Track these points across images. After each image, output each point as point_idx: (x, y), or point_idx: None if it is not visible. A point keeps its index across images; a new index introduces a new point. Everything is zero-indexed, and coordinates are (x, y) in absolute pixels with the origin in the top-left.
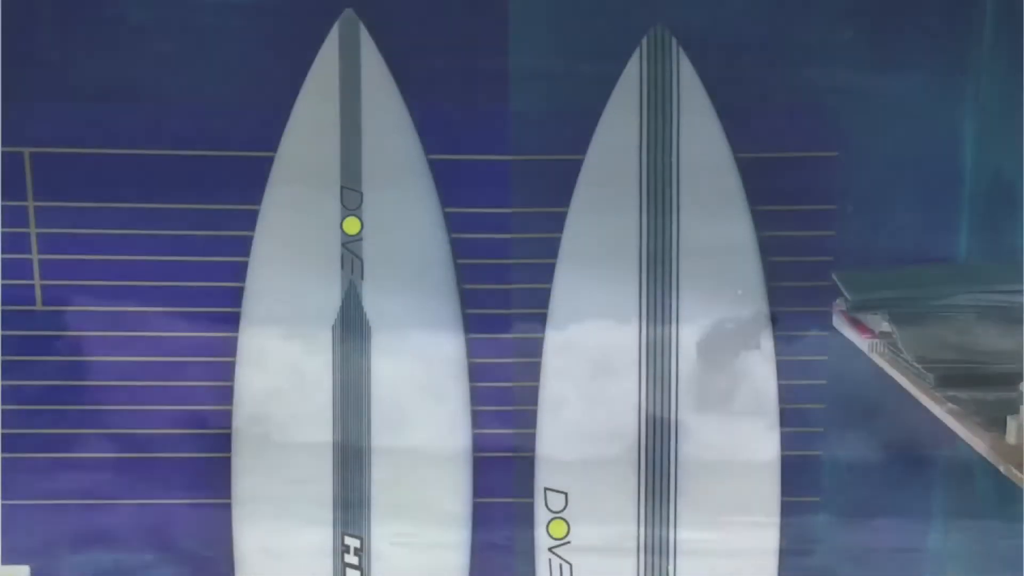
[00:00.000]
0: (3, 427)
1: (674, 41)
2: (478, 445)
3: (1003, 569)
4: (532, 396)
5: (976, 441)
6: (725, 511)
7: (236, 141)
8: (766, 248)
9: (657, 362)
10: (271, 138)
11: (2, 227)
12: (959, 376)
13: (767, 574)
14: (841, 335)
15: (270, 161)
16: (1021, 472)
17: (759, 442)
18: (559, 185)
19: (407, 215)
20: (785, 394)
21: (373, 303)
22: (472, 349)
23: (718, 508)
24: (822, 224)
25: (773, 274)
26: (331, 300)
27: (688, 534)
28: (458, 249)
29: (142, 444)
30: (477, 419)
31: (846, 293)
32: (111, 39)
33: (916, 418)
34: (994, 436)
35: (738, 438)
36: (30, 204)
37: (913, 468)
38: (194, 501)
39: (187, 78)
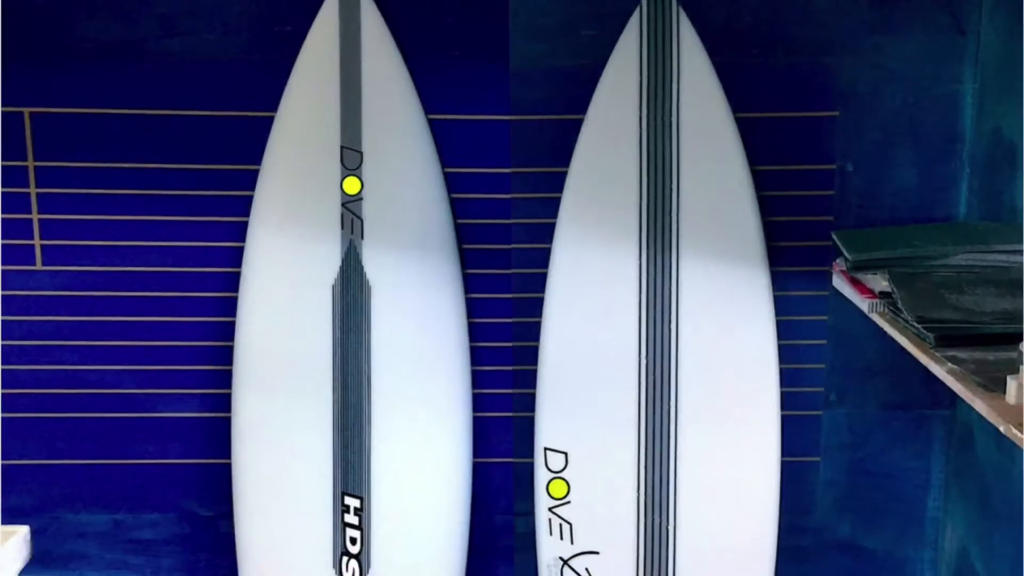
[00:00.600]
0: (3, 386)
1: (674, 1)
2: (478, 405)
3: (1002, 527)
4: (532, 356)
5: (976, 401)
6: (725, 471)
7: (236, 101)
8: (765, 208)
9: (657, 322)
10: (271, 98)
11: (2, 187)
12: (959, 336)
13: (767, 533)
14: (841, 295)
15: (270, 121)
16: (1021, 431)
17: (759, 402)
18: (559, 145)
19: (407, 175)
20: (785, 354)
21: (373, 262)
22: (472, 309)
23: (718, 469)
24: (822, 184)
25: (772, 234)
26: (331, 259)
27: (688, 494)
28: (458, 209)
29: (142, 404)
30: (477, 379)
31: (846, 253)
32: (112, 0)
33: (916, 378)
34: (994, 396)
35: (738, 398)
36: (30, 164)
37: (913, 427)
38: (194, 462)
39: (187, 39)
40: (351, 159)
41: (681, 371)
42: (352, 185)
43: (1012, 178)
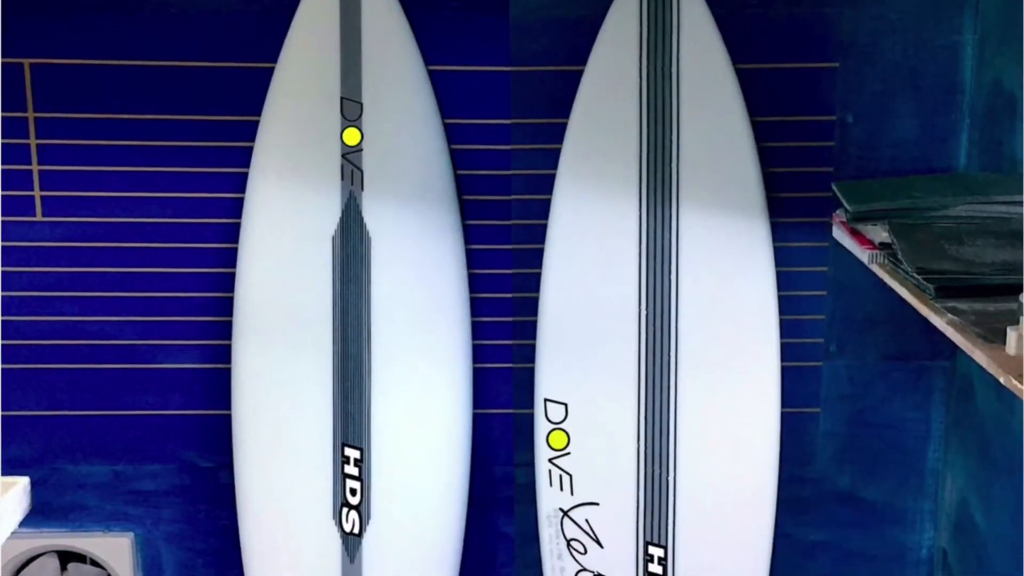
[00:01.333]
0: (3, 338)
1: None
2: (478, 356)
3: (1002, 478)
4: (532, 307)
5: (976, 352)
6: (725, 422)
7: (236, 52)
8: (765, 159)
9: (657, 272)
10: (271, 49)
11: (2, 138)
12: (959, 287)
13: (766, 484)
14: (841, 246)
15: (270, 72)
16: (1021, 383)
17: (759, 353)
18: (559, 96)
19: (407, 126)
20: (785, 305)
21: (373, 214)
22: (472, 260)
23: (718, 420)
24: (822, 135)
25: (772, 185)
26: (331, 211)
27: (687, 445)
28: (458, 160)
29: (142, 355)
30: (477, 330)
31: (846, 204)
32: None
33: (916, 329)
34: (994, 347)
35: (738, 349)
36: (30, 115)
37: (913, 378)
38: (194, 413)
39: None
40: (351, 110)
41: (681, 322)
42: (352, 136)
43: (1012, 129)
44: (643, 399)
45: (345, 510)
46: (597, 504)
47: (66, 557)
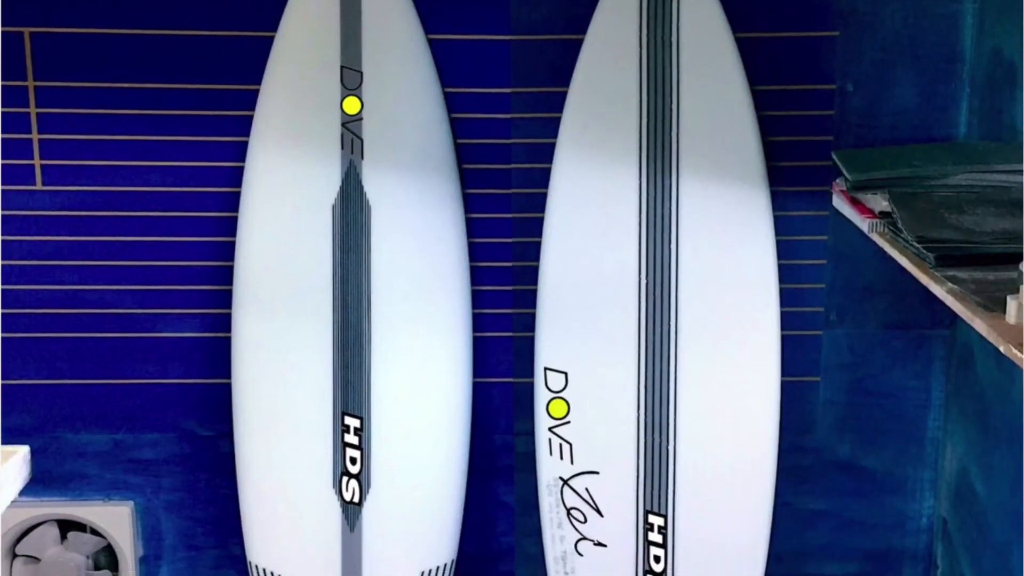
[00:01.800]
0: (3, 306)
1: None
2: (478, 325)
3: (1001, 447)
4: (532, 276)
5: (976, 321)
6: (725, 391)
7: (236, 21)
8: (765, 128)
9: (657, 241)
10: (271, 18)
11: (2, 107)
12: (959, 255)
13: (766, 453)
14: (841, 215)
15: (270, 41)
16: (1020, 352)
17: (759, 322)
18: (559, 65)
19: (407, 95)
20: (785, 274)
21: (373, 182)
22: (472, 229)
23: (718, 389)
24: (822, 104)
25: (772, 154)
26: (331, 179)
27: (687, 414)
28: (458, 129)
29: (142, 324)
30: (477, 299)
31: (846, 172)
32: None
33: (916, 298)
34: (994, 316)
35: (738, 318)
36: (30, 84)
37: (913, 347)
38: (194, 382)
39: None
40: (351, 79)
41: (681, 291)
42: (352, 105)
43: (1012, 98)
44: (643, 368)
45: (345, 479)
46: (597, 473)
47: (66, 526)
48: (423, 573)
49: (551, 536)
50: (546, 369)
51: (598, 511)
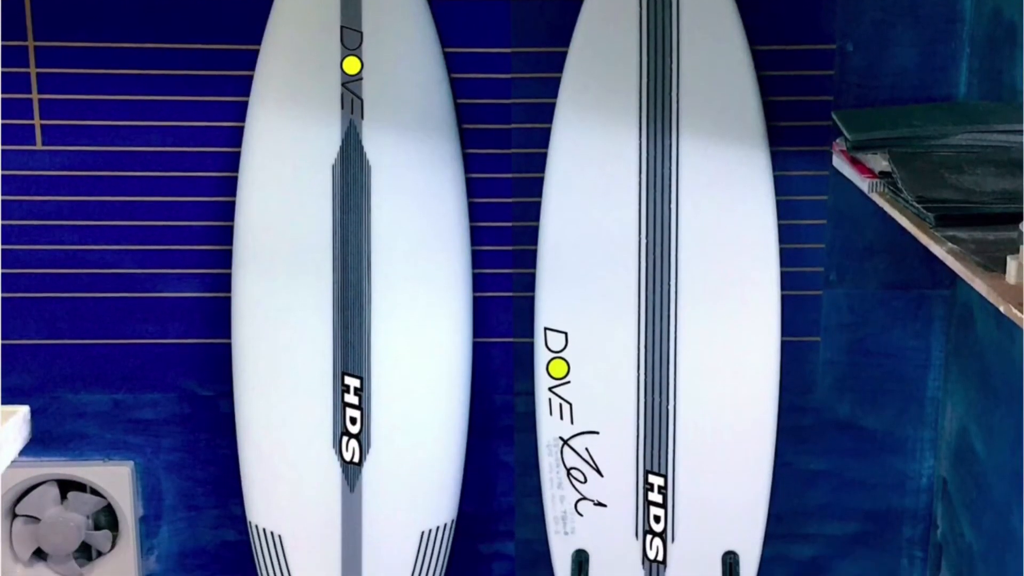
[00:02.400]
0: (3, 266)
1: None
2: (478, 285)
3: (1001, 407)
4: (532, 236)
5: (976, 281)
6: (725, 351)
7: None
8: (765, 87)
9: (657, 201)
10: None
11: (2, 67)
12: (959, 215)
13: (767, 413)
14: (841, 175)
15: (270, 1)
16: (1020, 312)
17: (759, 282)
18: (559, 24)
19: (407, 55)
20: (785, 234)
21: (373, 143)
22: (472, 189)
23: (718, 349)
24: (822, 64)
25: (772, 114)
26: (331, 140)
27: (688, 374)
28: (458, 89)
29: (142, 284)
30: (477, 259)
31: (846, 132)
32: None
33: (916, 258)
34: (994, 276)
35: (738, 278)
36: (30, 44)
37: (913, 307)
38: (194, 342)
39: None
40: (351, 39)
41: (681, 251)
42: (352, 65)
43: (1012, 58)
44: (643, 328)
45: (345, 439)
46: (597, 433)
47: (66, 486)
48: (423, 533)
49: (551, 496)
50: (546, 329)
51: (598, 471)
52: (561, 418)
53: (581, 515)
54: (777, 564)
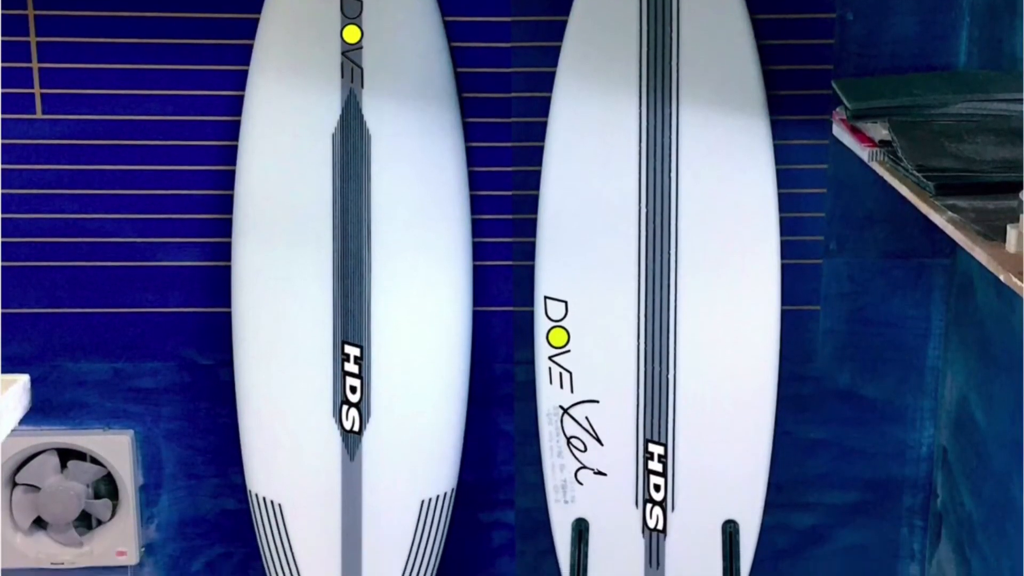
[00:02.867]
0: (3, 235)
1: None
2: (478, 253)
3: (1001, 376)
4: (532, 205)
5: (976, 250)
6: (725, 320)
7: None
8: (765, 56)
9: (657, 171)
10: None
11: (2, 35)
12: (959, 184)
13: (767, 382)
14: (841, 144)
15: None
16: (1020, 281)
17: (759, 251)
18: None
19: (407, 24)
20: (784, 203)
21: (373, 111)
22: (472, 157)
23: (718, 318)
24: (822, 32)
25: (772, 83)
26: (331, 109)
27: (688, 343)
28: (458, 58)
29: (142, 253)
30: (477, 227)
31: (846, 101)
32: None
33: (916, 227)
34: (994, 245)
35: (738, 247)
36: (30, 12)
37: (913, 276)
38: (194, 310)
39: None
40: (351, 8)
41: (681, 220)
42: (352, 34)
43: (1012, 27)
44: (643, 297)
45: (345, 408)
46: (597, 402)
47: (66, 455)
48: (423, 502)
49: (551, 465)
50: (546, 298)
51: (598, 440)
52: (561, 387)
53: (581, 484)
54: (777, 533)
